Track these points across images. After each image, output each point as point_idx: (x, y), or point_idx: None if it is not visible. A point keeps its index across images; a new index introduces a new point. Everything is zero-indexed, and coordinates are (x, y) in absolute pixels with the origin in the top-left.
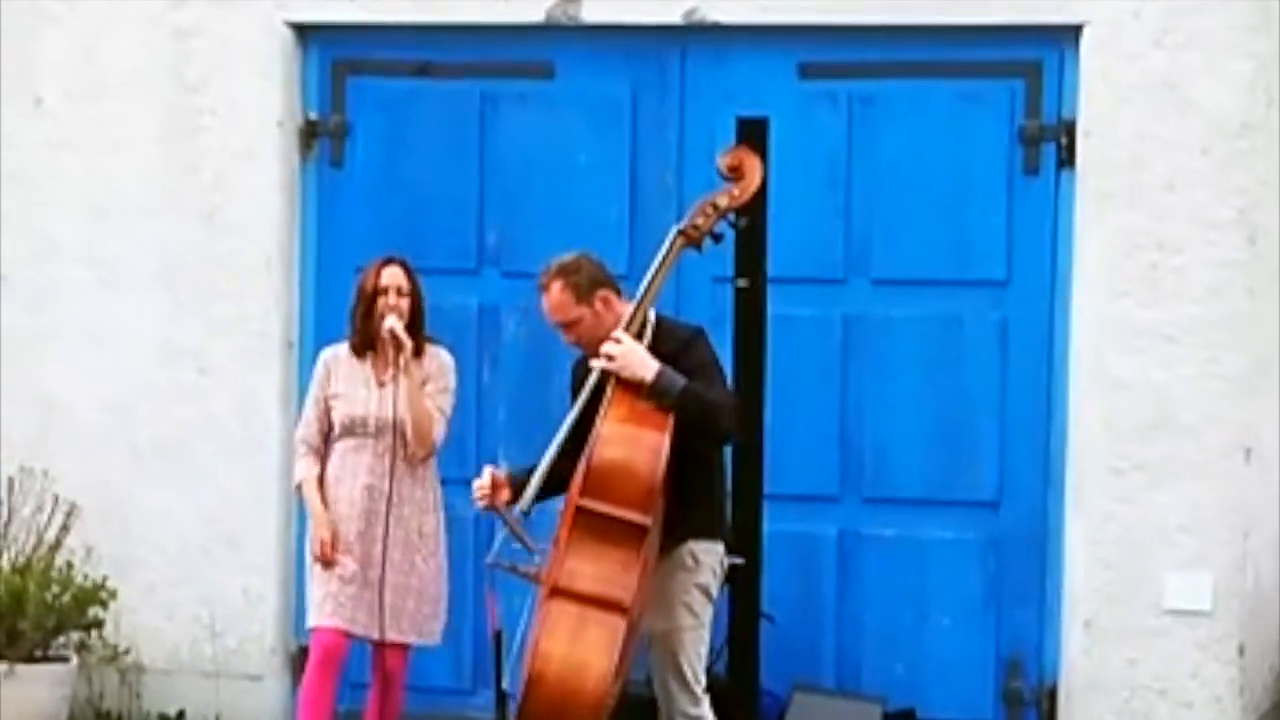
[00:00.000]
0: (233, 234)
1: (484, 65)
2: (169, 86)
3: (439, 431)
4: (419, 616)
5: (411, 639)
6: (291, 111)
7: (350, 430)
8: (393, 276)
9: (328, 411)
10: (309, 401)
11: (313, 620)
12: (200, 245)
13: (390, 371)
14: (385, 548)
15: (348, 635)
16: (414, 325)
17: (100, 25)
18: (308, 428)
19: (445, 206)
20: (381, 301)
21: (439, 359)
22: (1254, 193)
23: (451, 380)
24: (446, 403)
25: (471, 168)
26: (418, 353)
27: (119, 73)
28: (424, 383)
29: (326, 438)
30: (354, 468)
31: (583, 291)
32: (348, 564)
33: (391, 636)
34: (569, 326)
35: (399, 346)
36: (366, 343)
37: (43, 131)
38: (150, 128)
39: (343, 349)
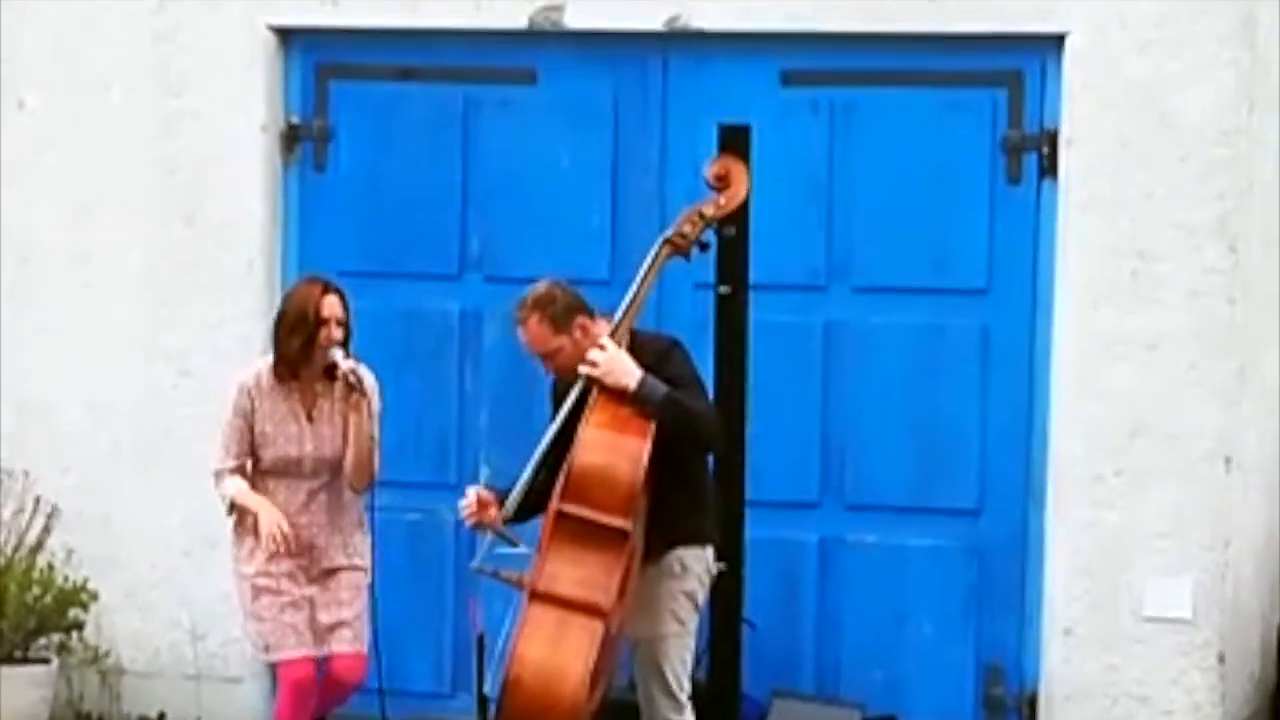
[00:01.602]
0: (215, 237)
1: (467, 70)
2: (152, 89)
3: (378, 463)
4: (362, 624)
5: (363, 646)
6: (274, 115)
7: (283, 470)
8: (332, 308)
9: (253, 444)
10: (228, 430)
11: (280, 654)
12: (182, 248)
13: (319, 403)
14: (339, 581)
15: (315, 662)
16: (344, 350)
17: (83, 28)
18: (235, 460)
19: (428, 211)
20: (324, 333)
21: (365, 381)
22: (1235, 200)
23: (378, 403)
24: (376, 428)
25: (454, 173)
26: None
27: (102, 75)
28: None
29: (243, 467)
30: (286, 505)
31: (560, 321)
32: (295, 592)
33: (356, 649)
34: (549, 357)
35: (354, 388)
36: (296, 372)
37: (25, 133)
38: (133, 130)
39: (264, 375)
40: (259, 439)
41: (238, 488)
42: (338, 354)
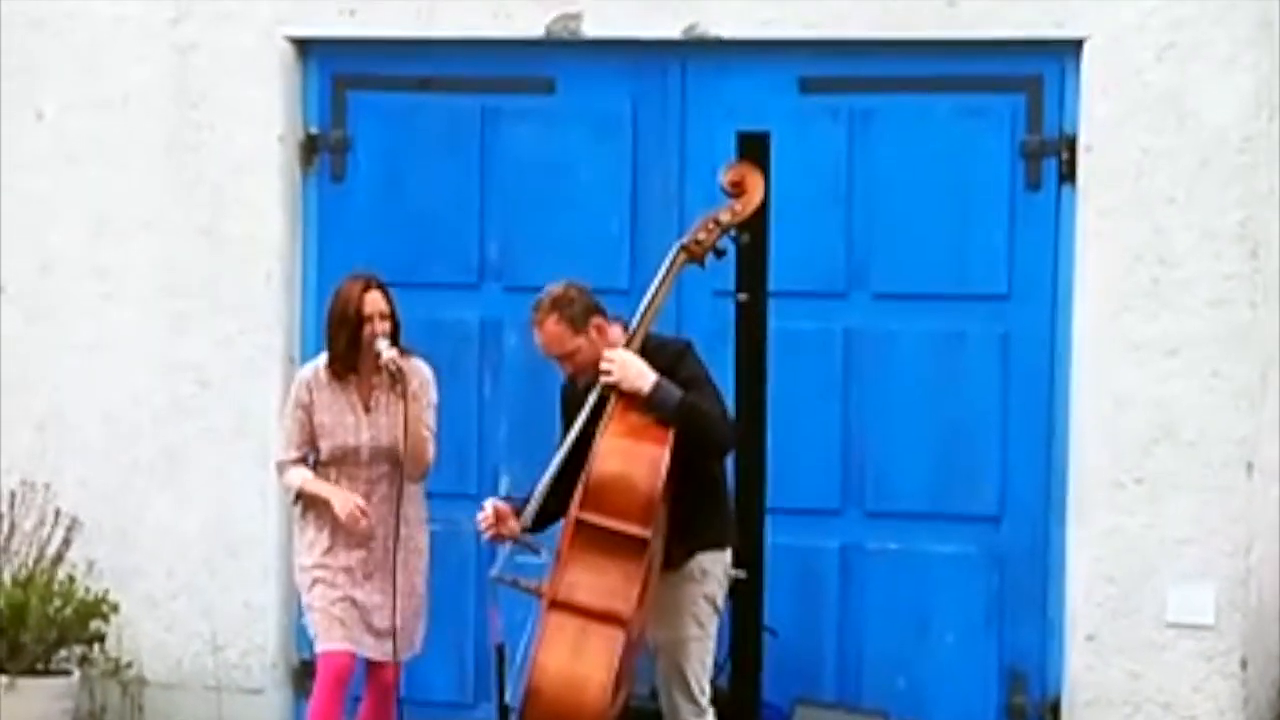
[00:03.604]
0: (234, 248)
1: (485, 80)
2: (170, 101)
3: (432, 453)
4: (414, 632)
5: (408, 655)
6: (292, 126)
7: (341, 460)
8: (374, 303)
9: (313, 436)
10: (289, 422)
11: (322, 644)
12: (201, 259)
13: (375, 395)
14: (395, 575)
15: (354, 656)
16: (394, 343)
17: (102, 40)
18: (297, 450)
19: (446, 221)
20: (368, 329)
21: (420, 375)
22: (1255, 206)
23: (434, 394)
24: (432, 418)
25: (472, 182)
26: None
27: (120, 87)
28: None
29: (305, 459)
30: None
31: (578, 322)
32: (348, 587)
33: (400, 658)
34: (567, 358)
35: (396, 377)
36: (350, 368)
37: (44, 145)
38: (151, 142)
39: (321, 370)
40: (318, 429)
41: (304, 476)
42: (382, 344)
